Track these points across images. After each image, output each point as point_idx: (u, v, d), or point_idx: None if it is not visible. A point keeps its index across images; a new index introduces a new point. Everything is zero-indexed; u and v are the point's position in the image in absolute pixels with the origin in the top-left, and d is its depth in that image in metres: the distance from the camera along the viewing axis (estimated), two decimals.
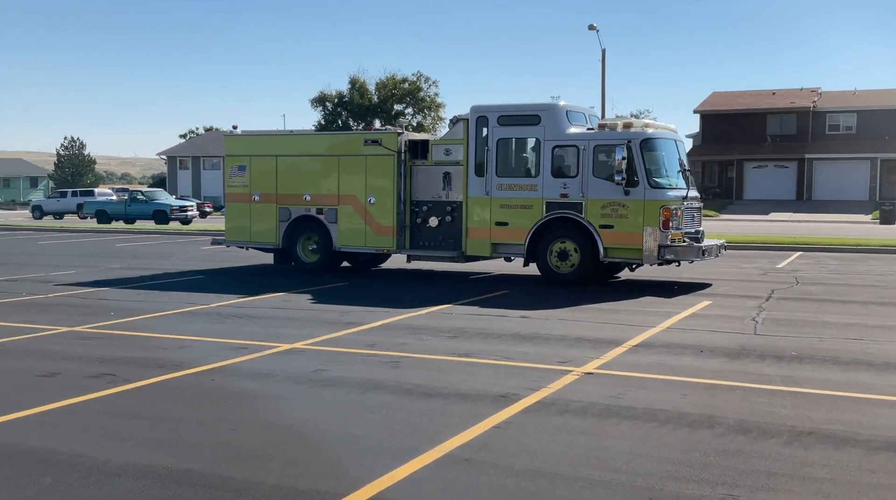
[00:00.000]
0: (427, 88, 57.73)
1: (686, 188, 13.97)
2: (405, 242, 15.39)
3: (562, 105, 14.41)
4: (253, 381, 7.25)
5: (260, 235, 16.49)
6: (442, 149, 15.16)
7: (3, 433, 5.60)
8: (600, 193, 13.64)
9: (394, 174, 15.23)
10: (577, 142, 13.92)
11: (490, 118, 14.56)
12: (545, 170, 14.09)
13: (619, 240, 13.59)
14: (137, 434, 5.64)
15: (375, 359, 8.17)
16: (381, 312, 11.15)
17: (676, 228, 13.52)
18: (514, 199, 14.31)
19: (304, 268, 16.14)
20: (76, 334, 9.48)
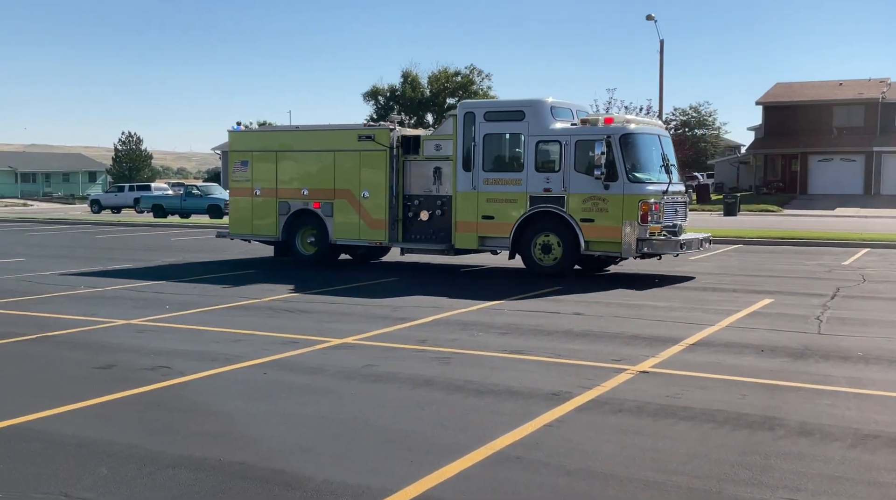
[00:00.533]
0: (480, 81, 57.67)
1: (667, 183, 14.25)
2: (398, 235, 15.85)
3: (547, 101, 14.74)
4: (304, 375, 7.34)
5: (261, 229, 17.12)
6: (433, 144, 15.60)
7: (62, 424, 5.76)
8: (581, 188, 14.01)
9: (386, 169, 15.72)
10: (559, 137, 14.29)
11: (477, 114, 14.98)
12: (529, 164, 14.49)
13: (599, 233, 13.98)
14: (191, 427, 5.76)
15: (426, 355, 8.19)
16: (432, 308, 11.18)
17: (655, 221, 13.84)
18: (499, 193, 14.73)
19: (303, 260, 16.73)
20: (132, 326, 9.71)
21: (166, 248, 21.42)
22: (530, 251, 14.62)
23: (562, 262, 14.34)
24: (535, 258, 14.58)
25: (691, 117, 70.30)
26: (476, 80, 57.48)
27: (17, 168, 75.89)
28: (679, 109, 69.29)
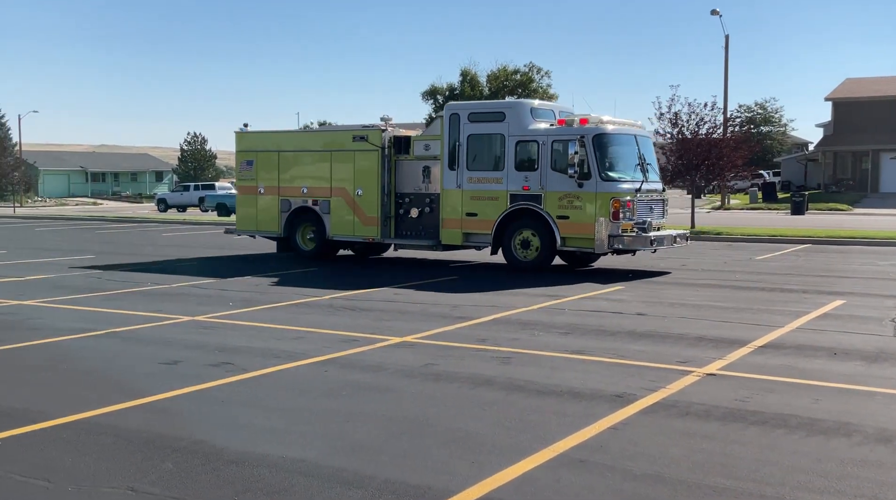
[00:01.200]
0: (539, 80, 57.14)
1: (641, 182, 14.69)
2: (390, 231, 16.57)
3: (526, 103, 15.63)
4: (364, 373, 7.34)
5: (265, 225, 18.05)
6: (422, 144, 16.30)
7: (128, 420, 5.87)
8: (557, 186, 14.57)
9: (378, 168, 16.44)
10: (537, 137, 14.85)
11: (461, 115, 15.60)
12: (509, 164, 15.06)
13: (574, 230, 14.54)
14: (254, 423, 5.80)
15: (486, 354, 8.12)
16: (491, 306, 11.11)
17: (628, 218, 14.34)
18: (482, 191, 15.39)
19: (303, 255, 17.58)
20: (197, 323, 9.88)
21: (230, 245, 21.76)
22: (511, 247, 15.20)
23: (540, 257, 14.91)
24: (515, 254, 15.17)
25: (756, 114, 68.67)
26: (535, 79, 56.98)
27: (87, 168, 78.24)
28: (744, 106, 67.80)
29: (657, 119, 26.69)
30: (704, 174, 26.92)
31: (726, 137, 27.65)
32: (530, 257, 15.02)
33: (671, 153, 26.76)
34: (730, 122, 28.99)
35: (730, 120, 29.15)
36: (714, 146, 26.18)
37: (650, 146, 15.86)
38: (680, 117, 26.41)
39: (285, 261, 17.52)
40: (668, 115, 26.50)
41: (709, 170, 26.54)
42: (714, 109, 26.78)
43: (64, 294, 12.22)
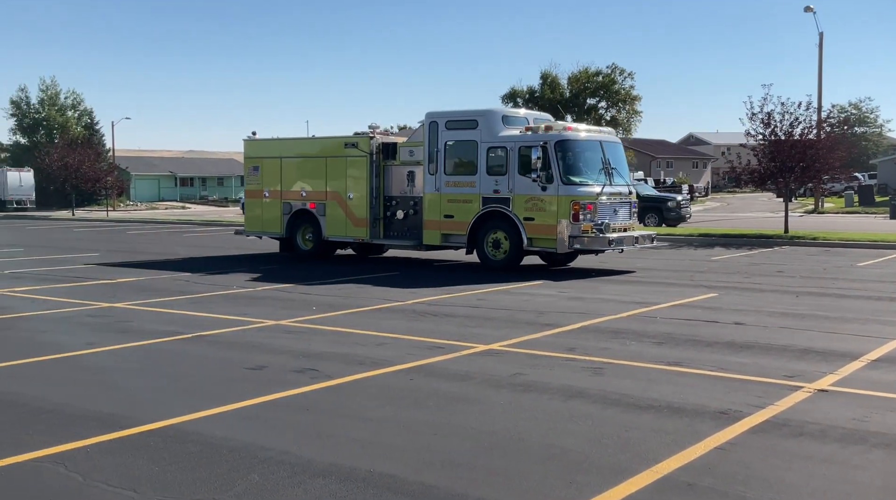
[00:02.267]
0: (622, 81, 56.09)
1: (603, 185, 15.40)
2: (379, 232, 17.62)
3: (498, 110, 16.70)
4: (451, 382, 7.12)
5: (269, 226, 19.30)
6: (407, 150, 17.28)
7: (215, 427, 5.78)
8: (524, 189, 15.41)
9: (367, 173, 17.52)
10: (505, 143, 15.74)
11: (440, 123, 16.52)
12: (482, 168, 15.97)
13: (538, 231, 15.36)
14: (340, 433, 5.63)
15: (576, 364, 7.79)
16: (579, 314, 10.75)
17: (588, 220, 15.11)
18: (458, 194, 16.28)
19: (302, 255, 18.73)
20: (282, 327, 9.84)
21: None
22: (483, 247, 16.13)
23: (509, 257, 15.81)
24: (488, 253, 16.08)
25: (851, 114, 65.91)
26: (618, 80, 55.92)
27: (176, 173, 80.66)
28: (837, 106, 65.19)
29: (748, 119, 25.66)
30: (798, 177, 25.79)
31: (821, 138, 26.43)
32: (500, 257, 15.90)
33: (763, 155, 25.74)
34: (825, 122, 27.60)
35: (825, 120, 27.76)
36: (809, 147, 25.04)
37: (618, 151, 16.53)
38: (773, 117, 25.35)
39: (370, 266, 17.49)
40: (760, 115, 25.47)
41: (803, 172, 25.42)
42: (809, 109, 25.62)
43: (153, 297, 12.41)
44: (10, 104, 63.34)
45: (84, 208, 52.53)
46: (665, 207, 31.43)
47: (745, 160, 27.44)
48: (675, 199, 32.73)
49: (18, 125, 63.67)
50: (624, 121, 56.84)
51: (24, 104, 63.38)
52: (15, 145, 64.37)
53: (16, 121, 63.62)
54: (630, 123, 57.00)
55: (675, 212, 31.33)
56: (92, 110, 67.10)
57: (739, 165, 27.19)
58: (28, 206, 53.83)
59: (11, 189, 53.79)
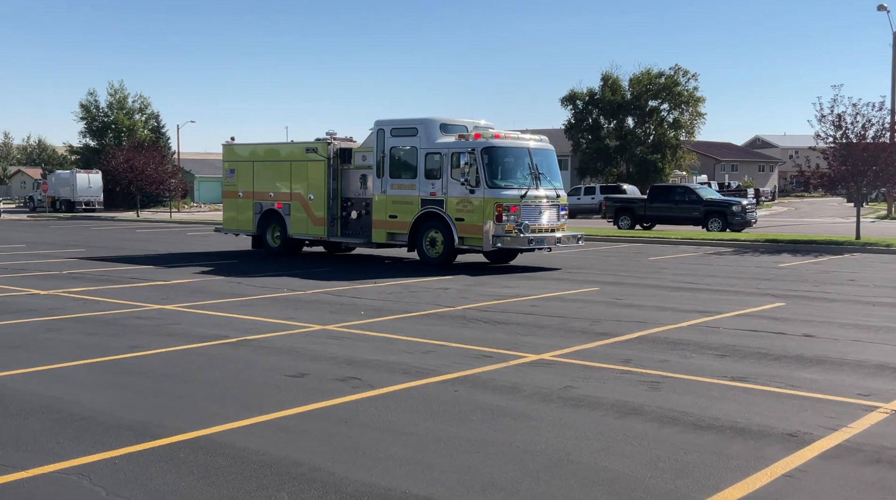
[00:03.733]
0: (685, 82, 54.91)
1: (528, 188, 16.69)
2: (336, 231, 19.18)
3: (436, 119, 17.66)
4: (497, 395, 6.77)
5: (243, 225, 21.02)
6: (360, 155, 18.82)
7: (248, 439, 5.55)
8: (455, 192, 16.79)
9: (325, 176, 19.05)
10: (440, 149, 17.10)
11: (386, 130, 17.97)
12: (421, 173, 17.33)
13: (468, 231, 16.67)
14: (377, 449, 5.34)
15: (632, 377, 7.36)
16: (636, 323, 10.28)
17: (511, 221, 16.38)
18: (401, 196, 17.69)
19: (270, 251, 20.33)
20: (327, 332, 9.62)
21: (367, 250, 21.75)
22: (422, 245, 17.45)
23: (443, 254, 17.18)
24: (425, 251, 17.42)
25: None
26: (681, 81, 54.77)
27: None
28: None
29: (818, 121, 24.67)
30: (871, 181, 24.69)
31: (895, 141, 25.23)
32: (436, 254, 17.29)
33: (833, 158, 24.71)
34: None
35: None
36: (882, 150, 23.93)
37: (548, 158, 17.76)
38: (844, 119, 24.30)
39: (423, 270, 17.24)
40: (830, 117, 24.45)
41: (876, 176, 24.32)
42: (882, 110, 24.48)
43: (204, 299, 12.36)
44: (80, 108, 65.22)
45: (149, 210, 53.66)
46: (729, 212, 30.51)
47: (814, 164, 26.43)
48: (740, 203, 31.74)
49: (88, 128, 65.47)
50: (687, 123, 55.66)
51: (94, 108, 65.15)
52: (84, 148, 66.21)
53: (85, 124, 65.44)
54: (693, 125, 55.81)
55: (740, 217, 30.38)
56: (158, 114, 68.65)
57: (809, 168, 26.19)
58: (96, 207, 55.24)
59: (80, 191, 55.27)
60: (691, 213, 31.29)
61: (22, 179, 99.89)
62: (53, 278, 15.31)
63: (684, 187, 35.00)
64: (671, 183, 51.09)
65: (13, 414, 6.09)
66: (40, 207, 57.67)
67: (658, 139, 56.00)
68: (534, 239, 16.66)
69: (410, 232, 17.49)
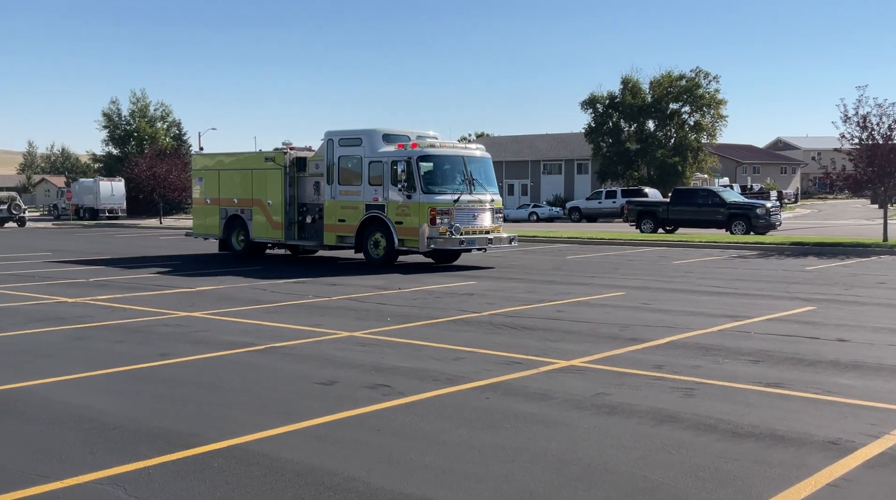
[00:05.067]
0: (706, 85, 54.46)
1: (460, 194, 17.95)
2: (294, 234, 20.45)
3: (379, 130, 18.89)
4: (529, 402, 6.69)
5: (211, 229, 22.58)
6: (314, 163, 20.10)
7: (283, 447, 5.50)
8: (395, 198, 18.07)
9: (282, 184, 20.41)
10: (381, 158, 18.36)
11: (335, 140, 19.26)
12: (365, 180, 18.64)
13: (406, 233, 17.88)
14: (411, 458, 5.28)
15: (665, 384, 7.26)
16: (666, 328, 10.16)
17: (445, 224, 17.64)
18: (348, 202, 19.00)
19: (236, 254, 21.73)
20: (354, 339, 9.58)
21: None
22: (367, 247, 18.73)
23: (386, 254, 18.42)
24: (370, 252, 18.70)
25: None
26: (702, 84, 54.32)
27: None
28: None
29: (842, 123, 24.37)
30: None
31: None
32: (379, 255, 18.52)
33: (859, 160, 24.39)
34: None
35: None
36: None
37: (483, 165, 19.04)
38: (869, 120, 23.99)
39: (448, 274, 17.18)
40: (855, 118, 24.15)
41: None
42: None
43: (230, 306, 12.37)
44: (102, 117, 65.80)
45: (172, 217, 53.97)
46: (753, 215, 30.21)
47: (839, 166, 26.11)
48: (764, 205, 31.44)
49: (111, 137, 66.04)
50: (708, 125, 55.23)
51: (116, 116, 65.72)
52: (107, 156, 66.79)
53: (108, 132, 66.01)
54: (715, 127, 55.33)
55: (764, 219, 30.08)
56: (180, 121, 69.15)
57: (834, 170, 25.89)
58: (119, 214, 55.67)
59: (104, 198, 55.74)
60: (714, 216, 31.02)
61: (46, 187, 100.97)
62: (80, 285, 15.41)
63: (707, 190, 34.73)
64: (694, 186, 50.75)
65: (46, 423, 6.09)
66: (64, 216, 58.19)
67: (679, 142, 55.59)
68: (465, 240, 17.90)
69: (357, 235, 18.78)
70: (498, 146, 75.41)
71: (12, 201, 48.88)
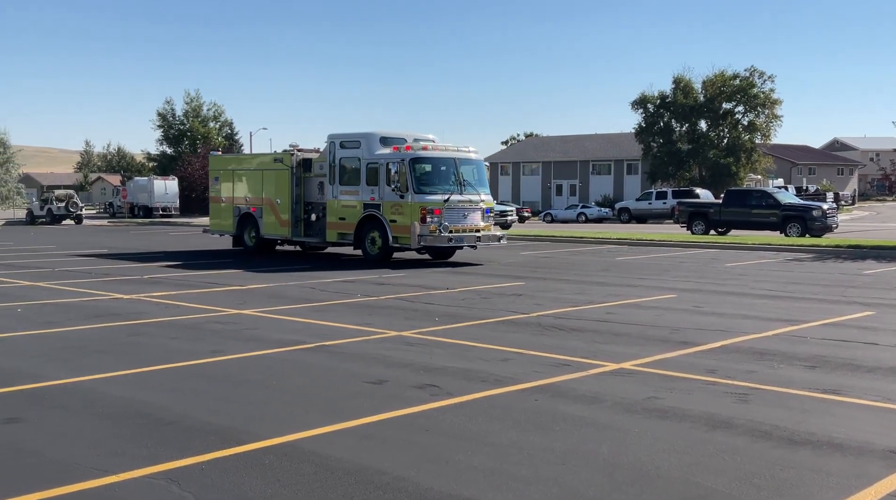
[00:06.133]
0: (761, 84, 53.46)
1: (450, 194, 18.95)
2: (300, 232, 21.72)
3: (377, 133, 20.04)
4: (578, 404, 6.64)
5: (225, 226, 24.08)
6: (318, 164, 21.25)
7: (331, 446, 5.55)
8: (390, 198, 19.15)
9: (289, 183, 21.66)
10: (378, 160, 19.50)
11: (336, 142, 20.45)
12: (363, 180, 19.74)
13: (400, 231, 18.98)
14: (460, 458, 5.28)
15: (718, 389, 7.14)
16: (718, 331, 9.99)
17: (435, 222, 18.64)
18: (348, 201, 20.16)
19: (248, 250, 23.02)
20: (403, 339, 9.61)
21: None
22: (364, 244, 19.78)
23: (381, 251, 19.44)
24: (367, 249, 19.76)
25: None
26: (757, 83, 53.34)
27: None
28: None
29: None
30: None
31: None
32: (376, 251, 19.56)
33: None
34: None
35: None
36: None
37: (475, 167, 20.02)
38: None
39: (488, 275, 17.14)
40: None
41: None
42: None
43: (280, 304, 12.52)
44: (157, 116, 67.22)
45: None
46: (809, 217, 29.55)
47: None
48: (820, 207, 30.73)
49: (165, 136, 67.43)
50: (763, 125, 54.23)
51: (170, 116, 67.08)
52: (161, 155, 68.20)
53: (162, 132, 67.41)
54: (769, 127, 54.31)
55: (820, 221, 29.39)
56: (232, 121, 70.27)
57: (893, 171, 25.24)
58: (172, 213, 56.75)
59: (158, 197, 56.87)
60: (769, 218, 30.43)
61: (102, 185, 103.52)
62: (134, 282, 15.75)
63: (761, 191, 34.10)
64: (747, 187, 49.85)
65: (103, 417, 6.24)
66: (120, 214, 59.56)
67: (732, 142, 54.68)
68: (453, 238, 18.96)
69: (355, 232, 19.93)
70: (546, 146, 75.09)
71: (70, 199, 50.22)
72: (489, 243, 20.18)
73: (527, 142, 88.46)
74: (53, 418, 6.25)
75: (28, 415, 6.31)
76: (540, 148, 75.36)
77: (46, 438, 5.72)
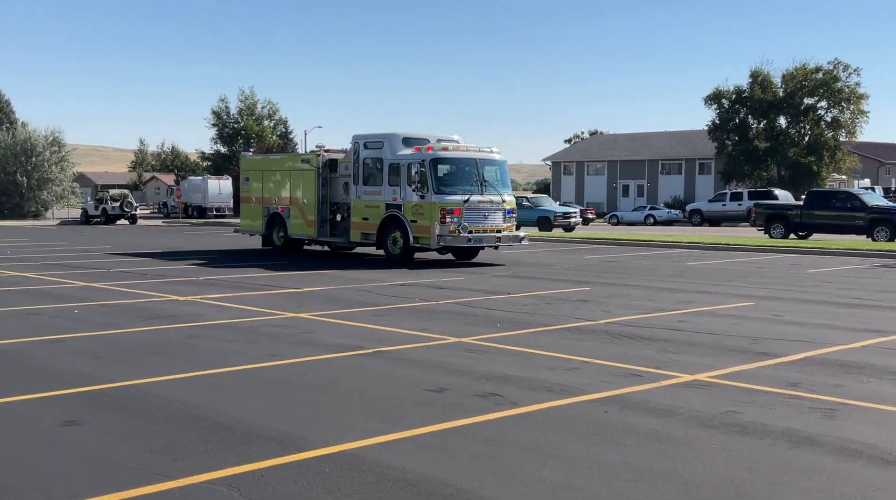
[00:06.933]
0: (846, 78, 52.10)
1: (471, 194, 19.74)
2: (326, 232, 22.73)
3: (399, 134, 20.79)
4: (651, 417, 6.56)
5: (255, 226, 25.20)
6: (343, 165, 22.21)
7: (391, 455, 5.59)
8: (411, 198, 19.95)
9: (316, 184, 22.69)
10: (399, 160, 20.30)
11: (360, 143, 21.35)
12: (385, 181, 20.59)
13: (420, 231, 19.77)
14: (526, 472, 5.26)
15: (801, 403, 6.97)
16: (801, 342, 9.77)
17: (455, 223, 19.46)
18: (370, 201, 21.03)
19: (277, 249, 24.14)
20: (464, 345, 9.63)
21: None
22: (386, 244, 20.67)
23: (403, 251, 20.30)
24: (389, 248, 20.62)
25: None
26: (841, 77, 52.01)
27: None
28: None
29: None
30: None
31: None
32: (397, 251, 20.39)
33: None
34: None
35: None
36: None
37: (497, 167, 20.83)
38: None
39: (555, 279, 17.04)
40: None
41: None
42: None
43: (337, 308, 12.66)
44: (211, 115, 68.72)
45: None
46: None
47: None
48: None
49: (219, 134, 68.92)
50: (847, 122, 52.82)
51: (225, 115, 68.53)
52: (215, 154, 69.69)
53: (217, 130, 68.89)
54: (855, 124, 52.87)
55: None
56: (287, 120, 71.46)
57: None
58: (226, 213, 57.90)
59: (211, 197, 58.09)
60: (854, 221, 29.64)
61: (156, 185, 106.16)
62: (190, 284, 16.11)
63: (846, 193, 33.24)
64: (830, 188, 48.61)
65: (160, 421, 6.39)
66: (173, 214, 61.01)
67: (814, 140, 53.39)
68: (472, 238, 19.73)
69: (378, 232, 20.81)
70: (612, 144, 74.38)
71: (124, 199, 51.66)
72: (510, 244, 21.01)
73: (591, 140, 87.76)
74: (111, 420, 6.43)
75: (86, 417, 6.51)
76: (605, 146, 74.69)
77: (105, 440, 5.89)
